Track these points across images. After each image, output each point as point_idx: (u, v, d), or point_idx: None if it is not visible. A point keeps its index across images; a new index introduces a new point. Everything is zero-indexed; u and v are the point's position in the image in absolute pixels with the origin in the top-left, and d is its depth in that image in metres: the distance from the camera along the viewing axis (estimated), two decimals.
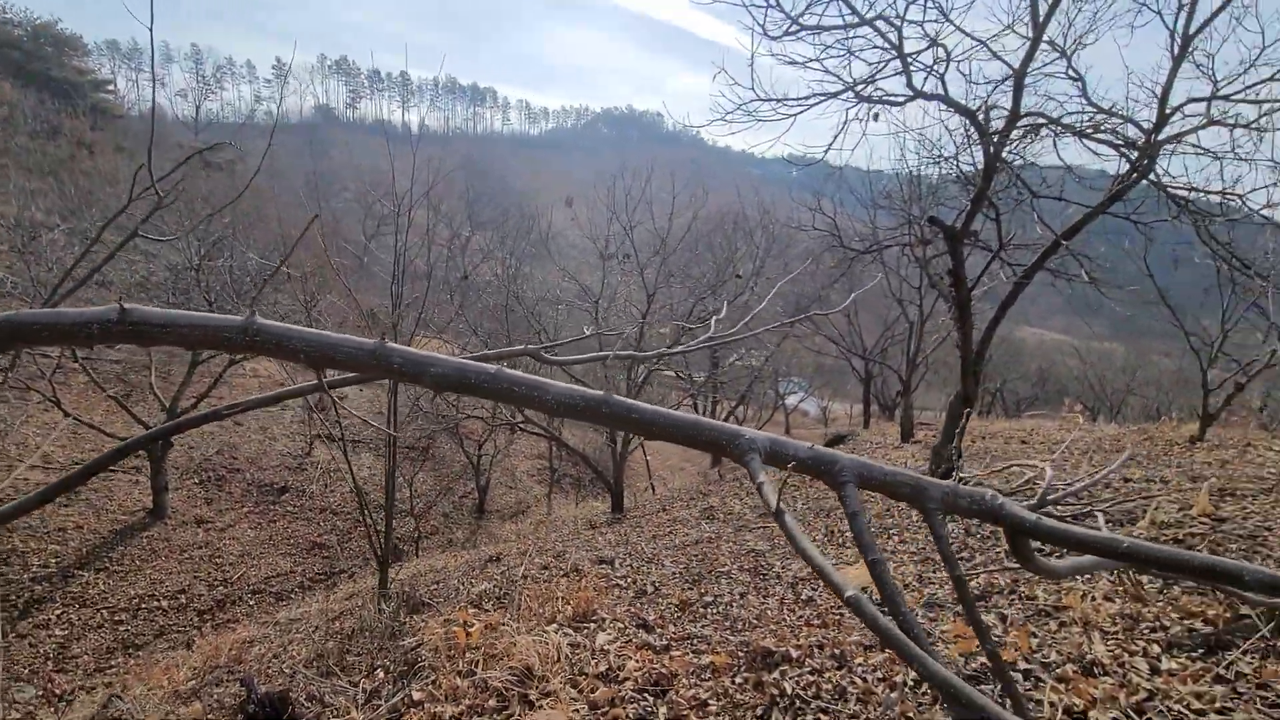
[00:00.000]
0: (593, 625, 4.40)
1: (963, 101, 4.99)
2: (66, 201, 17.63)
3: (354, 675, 4.41)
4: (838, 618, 3.97)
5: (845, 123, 5.09)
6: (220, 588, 10.99)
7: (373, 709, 3.70)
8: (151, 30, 1.89)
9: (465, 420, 12.48)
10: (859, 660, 3.29)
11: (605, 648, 3.94)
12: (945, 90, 4.91)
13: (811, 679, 3.15)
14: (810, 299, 14.86)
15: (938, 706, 2.76)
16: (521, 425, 11.56)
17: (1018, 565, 1.16)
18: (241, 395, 17.50)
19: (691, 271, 13.82)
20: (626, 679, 3.52)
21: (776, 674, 3.26)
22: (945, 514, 0.87)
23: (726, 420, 17.86)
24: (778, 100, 4.83)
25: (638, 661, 3.71)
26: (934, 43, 4.72)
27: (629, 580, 5.74)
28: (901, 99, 4.98)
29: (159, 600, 10.40)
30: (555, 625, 4.28)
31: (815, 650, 3.44)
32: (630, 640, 4.07)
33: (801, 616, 4.07)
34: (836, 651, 3.36)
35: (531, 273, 15.96)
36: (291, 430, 15.90)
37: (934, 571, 4.62)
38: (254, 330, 0.77)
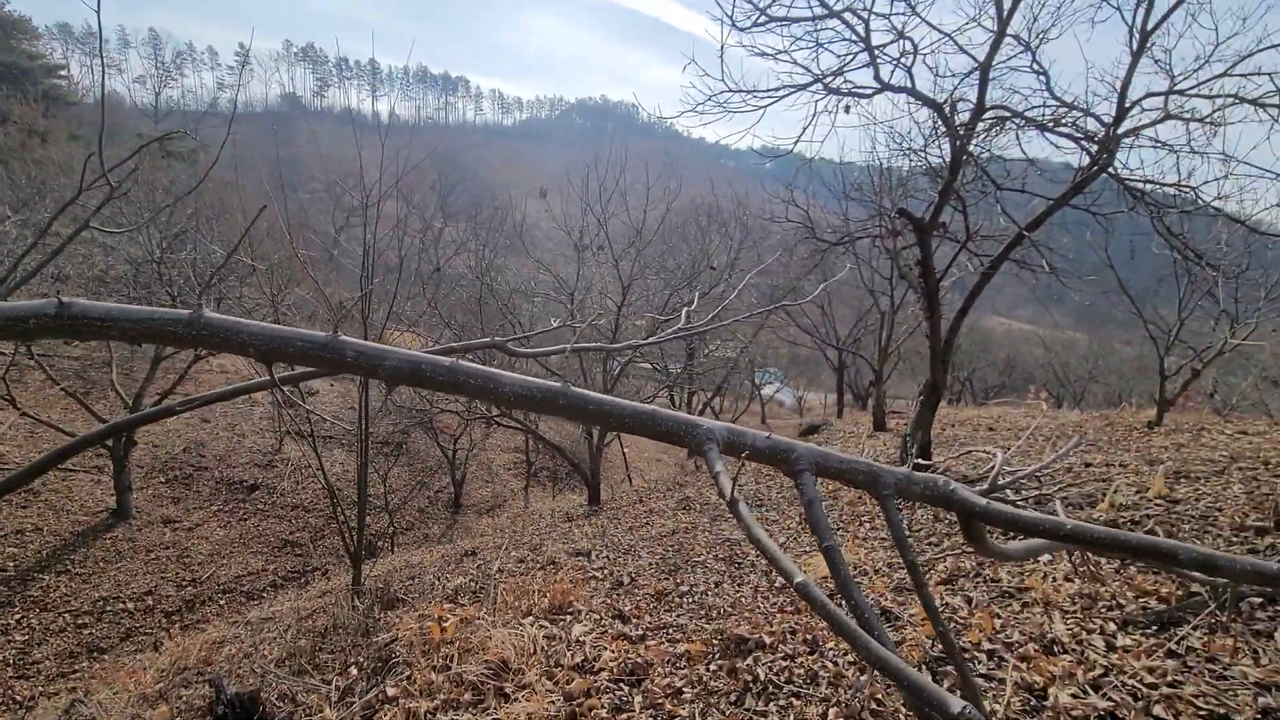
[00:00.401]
0: (569, 617, 4.41)
1: (930, 94, 5.07)
2: (18, 192, 16.91)
3: (327, 673, 4.36)
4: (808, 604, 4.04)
5: (814, 115, 5.13)
6: (189, 588, 10.75)
7: (346, 706, 3.66)
8: (99, 11, 1.82)
9: (440, 414, 12.35)
10: (830, 645, 3.35)
11: (581, 639, 3.96)
12: (913, 83, 4.98)
13: (784, 664, 3.21)
14: (784, 290, 14.98)
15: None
16: (498, 419, 11.49)
17: (971, 549, 1.19)
18: (204, 390, 17.09)
19: (667, 263, 13.83)
20: (602, 669, 3.54)
21: (750, 660, 3.31)
22: (900, 500, 0.89)
23: (703, 411, 17.98)
24: (747, 92, 4.85)
25: (613, 652, 3.73)
26: (901, 35, 4.77)
27: (606, 572, 5.76)
28: (870, 91, 5.03)
29: (124, 602, 10.14)
30: (531, 618, 4.28)
31: (788, 636, 3.50)
32: (606, 631, 4.09)
33: (775, 604, 4.13)
34: (809, 637, 3.42)
35: (506, 264, 15.81)
36: (261, 427, 15.58)
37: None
38: (201, 324, 0.76)
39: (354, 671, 4.13)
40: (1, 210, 15.97)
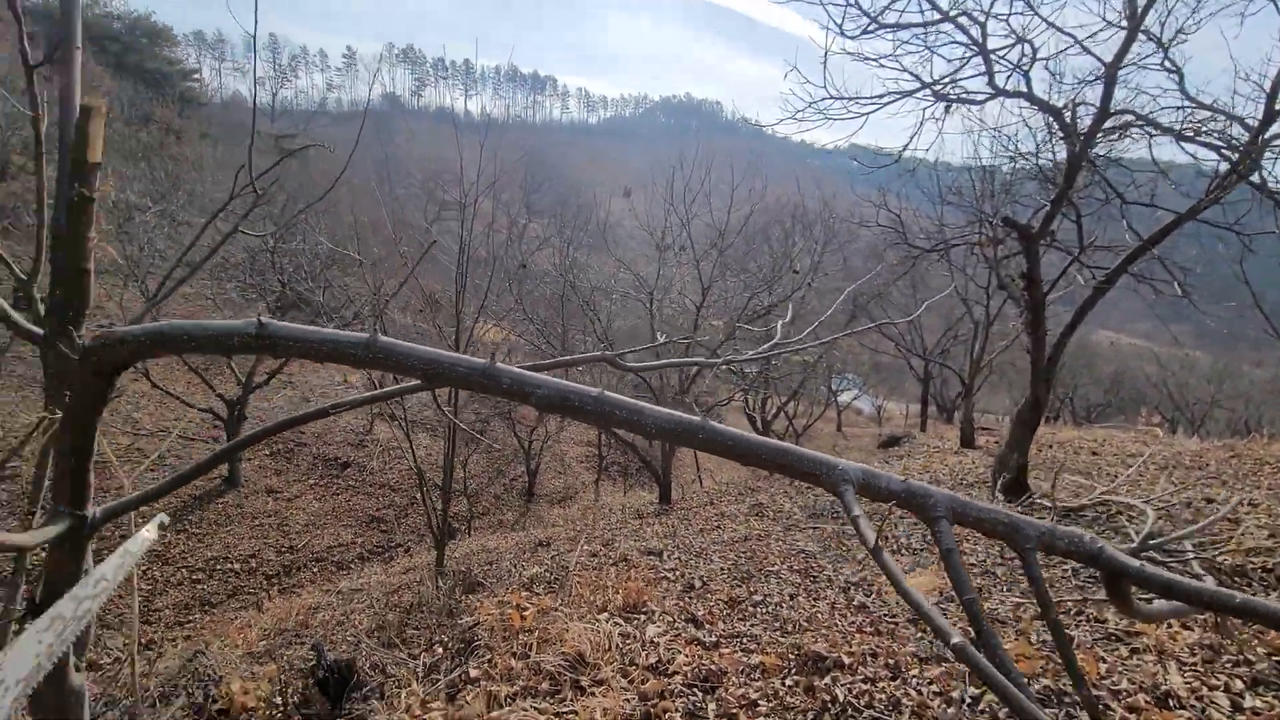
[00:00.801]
0: (642, 617, 4.47)
1: (1047, 98, 4.74)
2: (156, 185, 18.79)
3: (414, 648, 4.62)
4: (891, 627, 3.91)
5: (921, 122, 4.91)
6: (287, 554, 11.64)
7: (431, 683, 3.87)
8: (255, 57, 2.01)
9: (519, 406, 12.75)
10: (914, 672, 3.24)
11: (655, 640, 4.00)
12: (1029, 88, 4.66)
13: (865, 687, 3.12)
14: (870, 296, 14.46)
15: None
16: None
17: (1107, 602, 1.12)
18: (305, 371, 18.39)
19: (748, 265, 13.66)
20: (676, 673, 3.57)
21: (828, 679, 3.24)
22: (1041, 554, 0.86)
23: (776, 416, 17.63)
24: (850, 99, 4.69)
25: (687, 656, 3.76)
26: (1020, 39, 4.48)
27: (677, 573, 5.79)
28: (982, 98, 4.76)
29: (232, 563, 11.10)
30: (606, 614, 4.37)
31: (869, 658, 3.40)
32: (680, 634, 4.12)
33: (854, 623, 4.03)
34: (891, 662, 3.32)
35: (588, 262, 16.10)
36: (354, 409, 16.61)
37: (991, 585, 4.49)
38: (376, 347, 0.83)
39: (439, 650, 4.36)
40: (143, 202, 17.79)
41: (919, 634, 3.75)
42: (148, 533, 1.08)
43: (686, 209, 11.37)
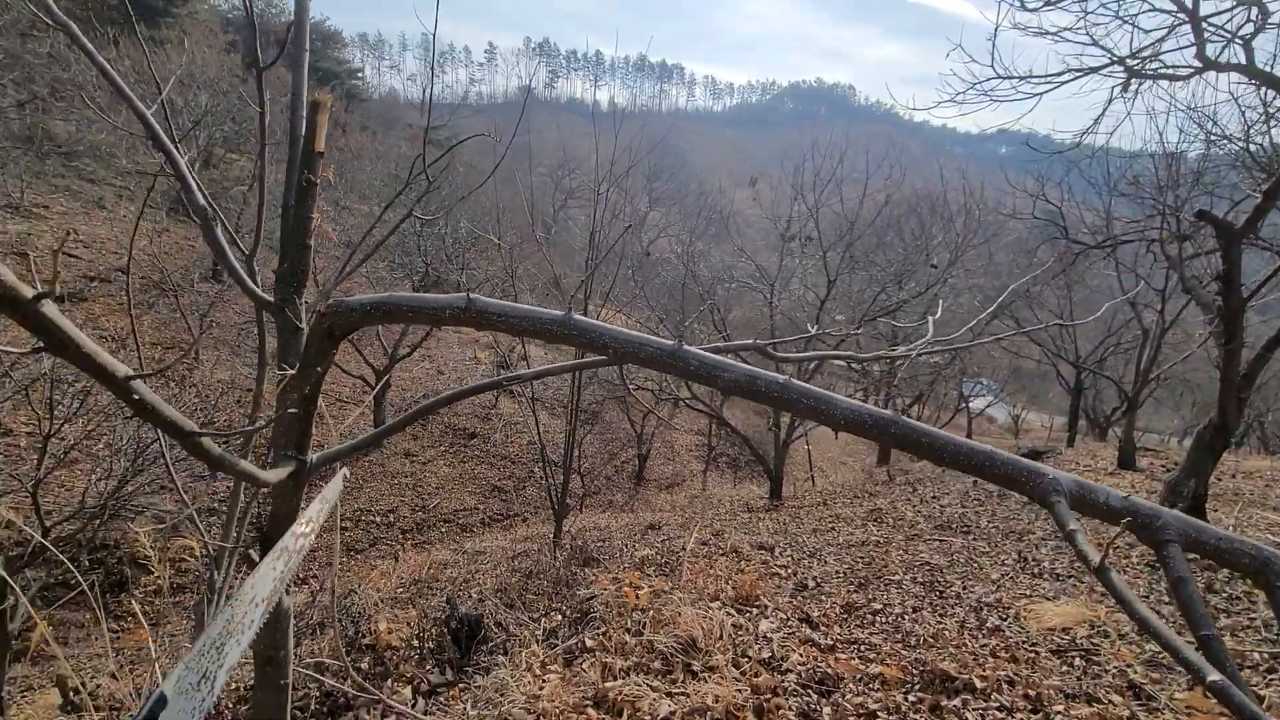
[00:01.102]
0: (755, 610, 4.43)
1: (1269, 70, 4.00)
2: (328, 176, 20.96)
3: (533, 612, 4.89)
4: (1030, 655, 3.59)
5: (1110, 101, 4.34)
6: (420, 512, 12.71)
7: (550, 647, 4.08)
8: (433, 58, 2.17)
9: (635, 391, 13.00)
10: (1058, 708, 2.96)
11: (768, 635, 3.96)
12: (1250, 59, 3.94)
13: (1000, 716, 2.90)
14: (1015, 295, 13.21)
15: None
16: (686, 400, 11.80)
17: None
18: (442, 347, 19.88)
19: (876, 259, 12.95)
20: (790, 671, 3.52)
21: (958, 701, 3.05)
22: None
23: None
24: (1020, 78, 4.23)
25: (801, 656, 3.68)
26: (1245, 1, 3.80)
27: (789, 571, 5.68)
28: (1186, 72, 4.10)
29: (374, 516, 12.30)
30: (719, 603, 4.38)
31: (1005, 685, 3.16)
32: (794, 633, 4.04)
33: (986, 645, 3.75)
34: (1031, 693, 3.05)
35: (709, 251, 16.02)
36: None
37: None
38: (571, 325, 0.87)
39: (557, 617, 4.58)
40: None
41: (1065, 667, 3.42)
42: (339, 482, 1.22)
43: (816, 198, 10.95)
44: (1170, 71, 4.18)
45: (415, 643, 4.27)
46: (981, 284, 14.06)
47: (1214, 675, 0.53)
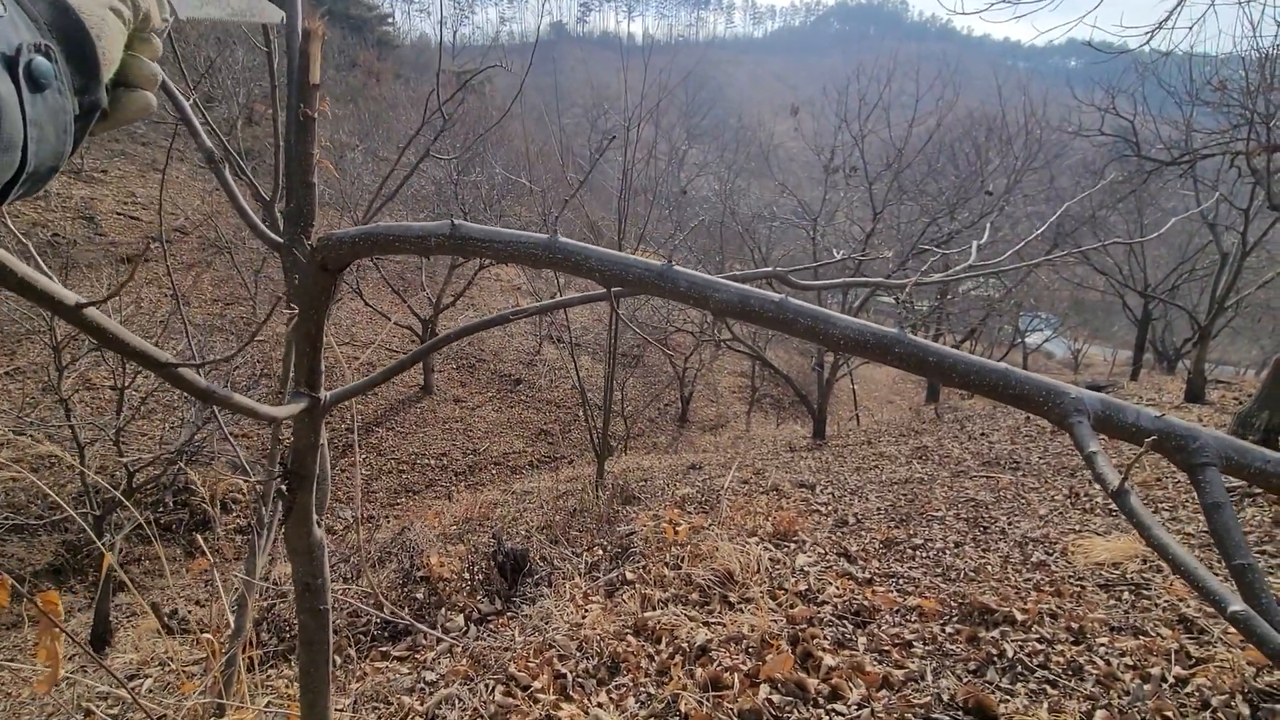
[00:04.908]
0: (793, 545, 4.47)
1: None
2: (362, 125, 21.01)
3: (576, 547, 5.07)
4: (1076, 590, 3.52)
5: None
6: (471, 455, 13.20)
7: (592, 580, 4.24)
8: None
9: (675, 333, 12.94)
10: (1101, 640, 2.91)
11: (805, 569, 4.00)
12: None
13: (1039, 647, 2.87)
14: (1079, 221, 12.39)
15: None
16: (728, 342, 11.69)
17: None
18: (485, 295, 20.13)
19: (927, 188, 12.26)
20: (826, 603, 3.55)
21: (996, 633, 3.03)
22: None
23: None
24: None
25: (838, 588, 3.71)
26: None
27: (829, 508, 5.67)
28: None
29: (428, 459, 12.84)
30: (756, 539, 4.43)
31: (1046, 618, 3.11)
32: (831, 567, 4.07)
33: (1030, 580, 3.69)
34: (1074, 626, 3.00)
35: (748, 188, 15.50)
36: (525, 330, 18.00)
37: (1210, 553, 3.83)
38: (556, 248, 0.83)
39: (599, 552, 4.73)
40: (352, 140, 20.02)
41: (1112, 601, 3.35)
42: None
43: (861, 126, 10.35)
44: None
45: (465, 575, 4.50)
46: (1042, 210, 13.20)
47: (1237, 605, 0.48)
